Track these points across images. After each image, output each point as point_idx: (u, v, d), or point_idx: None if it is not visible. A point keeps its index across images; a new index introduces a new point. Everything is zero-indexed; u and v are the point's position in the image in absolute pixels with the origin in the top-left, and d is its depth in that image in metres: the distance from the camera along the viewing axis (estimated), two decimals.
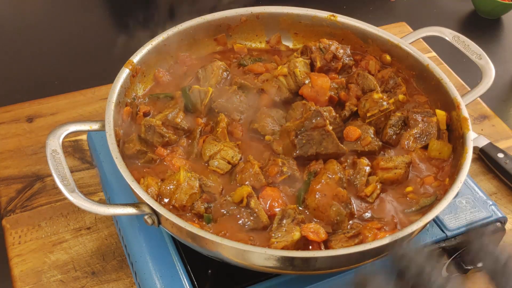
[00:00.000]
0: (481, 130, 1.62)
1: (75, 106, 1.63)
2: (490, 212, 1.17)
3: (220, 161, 1.10)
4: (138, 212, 0.98)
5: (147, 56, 1.24)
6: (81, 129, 1.09)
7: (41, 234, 1.32)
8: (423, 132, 1.18)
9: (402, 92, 1.26)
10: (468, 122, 1.13)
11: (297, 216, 1.01)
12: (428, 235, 1.13)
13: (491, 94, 2.46)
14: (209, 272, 1.08)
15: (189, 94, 1.21)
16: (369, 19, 1.30)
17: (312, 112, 1.12)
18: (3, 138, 1.54)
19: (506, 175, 1.46)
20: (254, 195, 1.04)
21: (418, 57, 1.28)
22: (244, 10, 1.36)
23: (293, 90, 1.24)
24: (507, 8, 3.09)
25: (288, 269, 0.97)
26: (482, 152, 1.52)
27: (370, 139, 1.16)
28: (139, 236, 1.12)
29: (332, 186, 1.05)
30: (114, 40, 3.03)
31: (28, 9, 3.27)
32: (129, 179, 1.00)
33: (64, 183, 0.98)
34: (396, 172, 1.11)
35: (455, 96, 1.18)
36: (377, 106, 1.19)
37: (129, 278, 1.24)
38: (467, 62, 1.36)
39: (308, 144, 1.11)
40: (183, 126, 1.16)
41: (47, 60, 2.90)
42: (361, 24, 1.35)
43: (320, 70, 1.28)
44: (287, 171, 1.09)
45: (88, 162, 1.47)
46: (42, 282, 1.23)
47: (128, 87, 1.20)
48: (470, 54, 1.29)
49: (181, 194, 1.03)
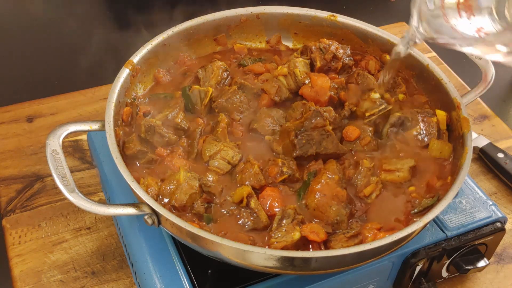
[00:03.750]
0: (481, 130, 1.62)
1: (75, 106, 1.63)
2: (490, 212, 1.17)
3: (220, 161, 1.10)
4: (138, 212, 0.98)
5: (147, 56, 1.24)
6: (81, 129, 1.09)
7: (41, 234, 1.32)
8: (423, 132, 1.18)
9: (402, 92, 1.26)
10: (468, 122, 1.13)
11: (297, 216, 1.01)
12: (428, 235, 1.13)
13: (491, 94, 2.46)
14: (209, 272, 1.08)
15: (189, 94, 1.21)
16: (369, 19, 1.30)
17: (312, 112, 1.12)
18: (3, 138, 1.54)
19: (506, 175, 1.46)
20: (254, 195, 1.04)
21: (418, 57, 1.28)
22: (244, 10, 1.36)
23: (293, 90, 1.24)
24: None
25: (288, 269, 0.97)
26: (482, 152, 1.52)
27: (369, 139, 1.16)
28: (139, 236, 1.12)
29: (332, 186, 1.05)
30: (114, 40, 3.03)
31: (28, 9, 3.27)
32: (129, 179, 1.00)
33: (64, 183, 0.98)
34: (400, 175, 1.11)
35: (455, 96, 1.18)
36: (376, 105, 1.19)
37: (129, 278, 1.24)
38: (467, 62, 1.36)
39: (308, 144, 1.11)
40: (183, 126, 1.16)
41: (47, 60, 2.90)
42: (361, 24, 1.35)
43: (320, 70, 1.28)
44: (287, 171, 1.09)
45: (88, 162, 1.47)
46: (42, 282, 1.23)
47: (128, 87, 1.20)
48: None
49: (181, 194, 1.03)
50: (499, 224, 1.17)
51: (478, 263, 1.18)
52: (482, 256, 1.19)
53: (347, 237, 1.00)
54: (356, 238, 1.00)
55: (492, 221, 1.16)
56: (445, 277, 1.22)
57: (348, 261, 0.99)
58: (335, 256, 0.94)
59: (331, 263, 0.98)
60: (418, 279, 1.17)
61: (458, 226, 1.15)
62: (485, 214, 1.17)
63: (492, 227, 1.16)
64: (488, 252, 1.20)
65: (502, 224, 1.17)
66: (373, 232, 1.01)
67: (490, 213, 1.17)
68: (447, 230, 1.14)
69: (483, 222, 1.16)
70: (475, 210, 1.18)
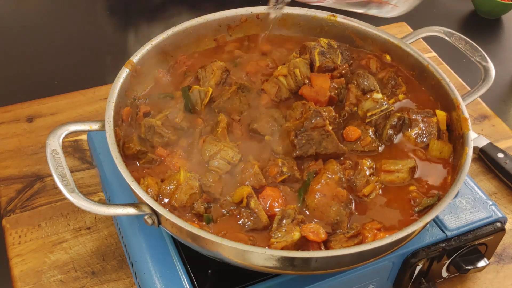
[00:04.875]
0: (481, 130, 1.62)
1: (75, 106, 1.63)
2: (490, 212, 1.17)
3: (220, 161, 1.10)
4: (138, 212, 0.98)
5: (147, 56, 1.24)
6: (81, 129, 1.09)
7: (41, 234, 1.32)
8: (423, 132, 1.18)
9: (402, 92, 1.26)
10: (468, 122, 1.13)
11: (297, 216, 1.01)
12: (428, 235, 1.13)
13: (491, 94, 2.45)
14: (209, 272, 1.08)
15: (189, 94, 1.21)
16: (369, 19, 1.30)
17: (312, 112, 1.12)
18: (3, 138, 1.54)
19: (506, 175, 1.46)
20: (254, 195, 1.04)
21: (418, 57, 1.28)
22: (244, 10, 1.36)
23: (293, 90, 1.24)
24: (507, 8, 3.09)
25: (288, 269, 0.97)
26: (482, 152, 1.52)
27: (370, 139, 1.16)
28: (139, 236, 1.12)
29: (332, 186, 1.05)
30: (114, 40, 3.03)
31: (28, 9, 3.27)
32: (129, 179, 1.00)
33: (64, 183, 0.98)
34: (399, 176, 1.11)
35: (455, 96, 1.18)
36: (378, 106, 1.19)
37: (129, 278, 1.24)
38: (467, 62, 1.36)
39: (308, 144, 1.11)
40: (183, 126, 1.16)
41: (47, 60, 2.90)
42: (361, 24, 1.35)
43: (320, 70, 1.28)
44: (287, 171, 1.09)
45: (88, 162, 1.47)
46: (42, 282, 1.23)
47: (128, 87, 1.20)
48: (470, 54, 1.29)
49: (181, 194, 1.03)
50: (499, 224, 1.17)
51: (478, 263, 1.18)
52: (482, 256, 1.19)
53: (347, 237, 1.00)
54: (356, 238, 1.00)
55: (492, 221, 1.16)
56: (445, 277, 1.22)
57: (348, 261, 0.99)
58: (335, 256, 0.94)
59: (331, 263, 0.98)
60: (418, 279, 1.17)
61: (458, 226, 1.15)
62: (485, 214, 1.17)
63: (492, 227, 1.16)
64: (488, 252, 1.20)
65: (502, 224, 1.17)
66: (373, 232, 1.01)
67: (490, 213, 1.17)
68: (447, 230, 1.14)
69: (483, 222, 1.16)
70: (475, 210, 1.18)
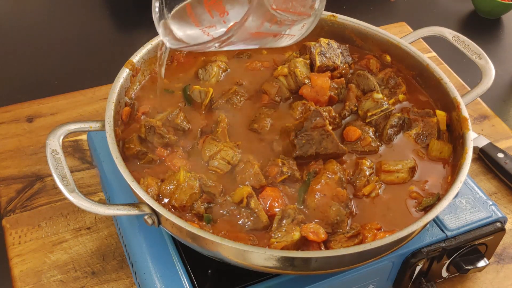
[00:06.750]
0: (481, 130, 1.62)
1: (75, 106, 1.63)
2: (490, 212, 1.17)
3: (220, 161, 1.10)
4: (138, 212, 0.98)
5: (147, 56, 1.24)
6: (81, 129, 1.09)
7: (41, 234, 1.32)
8: (423, 132, 1.18)
9: (402, 92, 1.26)
10: (468, 122, 1.13)
11: (297, 216, 1.01)
12: (428, 235, 1.13)
13: (491, 94, 2.46)
14: (209, 272, 1.08)
15: (189, 94, 1.21)
16: (369, 19, 1.31)
17: (312, 112, 1.12)
18: (3, 138, 1.54)
19: (506, 175, 1.46)
20: (254, 195, 1.04)
21: (418, 57, 1.28)
22: None
23: (293, 90, 1.24)
24: (507, 8, 3.09)
25: (288, 269, 0.97)
26: (482, 152, 1.52)
27: (370, 139, 1.16)
28: (139, 236, 1.12)
29: (332, 186, 1.05)
30: (114, 40, 3.03)
31: (28, 9, 3.27)
32: (129, 179, 1.00)
33: (64, 183, 0.98)
34: (399, 176, 1.11)
35: (455, 96, 1.18)
36: (378, 106, 1.19)
37: (129, 278, 1.24)
38: (467, 62, 1.36)
39: (308, 144, 1.11)
40: (183, 126, 1.16)
41: (47, 60, 2.90)
42: (361, 24, 1.35)
43: (320, 70, 1.28)
44: (287, 171, 1.09)
45: (88, 162, 1.47)
46: (42, 282, 1.23)
47: (128, 87, 1.20)
48: (470, 54, 1.29)
49: (181, 194, 1.03)
50: (499, 224, 1.17)
51: (478, 263, 1.18)
52: (482, 256, 1.19)
53: (347, 237, 1.00)
54: (356, 238, 1.00)
55: (492, 221, 1.16)
56: (445, 277, 1.22)
57: (348, 261, 0.99)
58: (335, 256, 0.94)
59: (331, 263, 0.98)
60: (418, 279, 1.17)
61: (458, 226, 1.15)
62: (485, 214, 1.17)
63: (492, 227, 1.16)
64: (488, 252, 1.20)
65: (502, 224, 1.17)
66: (373, 232, 1.01)
67: (490, 213, 1.17)
68: (447, 230, 1.14)
69: (483, 222, 1.16)
70: (475, 210, 1.18)
